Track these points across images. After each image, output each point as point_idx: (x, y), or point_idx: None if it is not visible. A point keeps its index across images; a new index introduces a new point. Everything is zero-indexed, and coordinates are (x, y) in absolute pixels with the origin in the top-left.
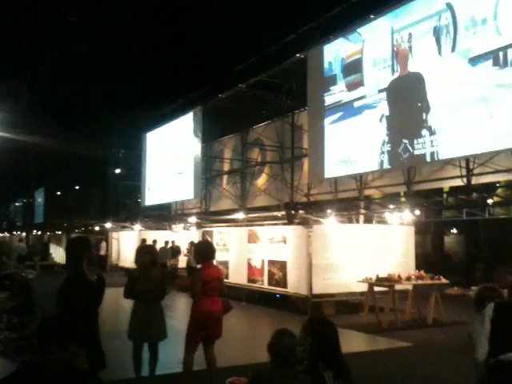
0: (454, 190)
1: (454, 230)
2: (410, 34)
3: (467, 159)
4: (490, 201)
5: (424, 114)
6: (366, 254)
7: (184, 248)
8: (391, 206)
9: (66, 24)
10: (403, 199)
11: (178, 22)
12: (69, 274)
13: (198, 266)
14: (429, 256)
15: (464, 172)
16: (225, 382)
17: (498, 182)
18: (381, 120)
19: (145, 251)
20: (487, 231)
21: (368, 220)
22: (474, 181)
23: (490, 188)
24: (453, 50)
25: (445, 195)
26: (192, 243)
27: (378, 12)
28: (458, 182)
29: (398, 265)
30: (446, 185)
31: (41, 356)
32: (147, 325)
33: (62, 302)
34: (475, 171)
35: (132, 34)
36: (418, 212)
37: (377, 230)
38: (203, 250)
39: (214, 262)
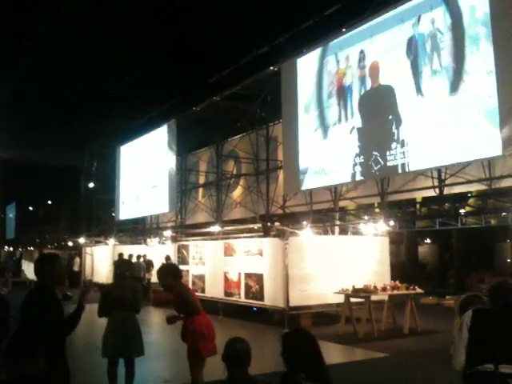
0: (426, 201)
1: (428, 240)
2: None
3: (439, 170)
4: (462, 210)
5: (394, 127)
6: (342, 265)
7: (159, 262)
8: (366, 217)
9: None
10: (377, 210)
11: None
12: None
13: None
14: (403, 265)
15: (436, 183)
16: None
17: (470, 192)
18: (351, 132)
19: (123, 264)
20: (459, 240)
21: (343, 231)
22: (447, 191)
23: (461, 198)
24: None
25: (418, 205)
26: (168, 257)
27: (350, 25)
28: (431, 193)
29: (373, 275)
30: (419, 195)
31: (13, 372)
32: (122, 338)
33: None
34: (447, 182)
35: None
36: (392, 222)
37: (352, 241)
38: (173, 269)
39: None
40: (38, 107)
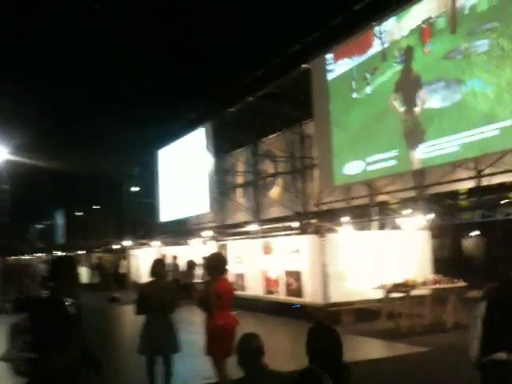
0: (467, 192)
1: (475, 233)
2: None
3: (476, 161)
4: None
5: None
6: (382, 261)
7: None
8: (405, 211)
9: (74, 43)
10: (417, 203)
11: (190, 37)
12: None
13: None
14: (448, 259)
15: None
16: None
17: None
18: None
19: (159, 264)
20: (506, 232)
21: (381, 226)
22: (486, 182)
23: (503, 188)
24: None
25: (461, 197)
26: (191, 262)
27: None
28: (470, 184)
29: (414, 270)
30: (458, 187)
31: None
32: (158, 337)
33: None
34: (486, 172)
35: (143, 55)
36: (432, 216)
37: (391, 236)
38: (214, 263)
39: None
40: (81, 117)
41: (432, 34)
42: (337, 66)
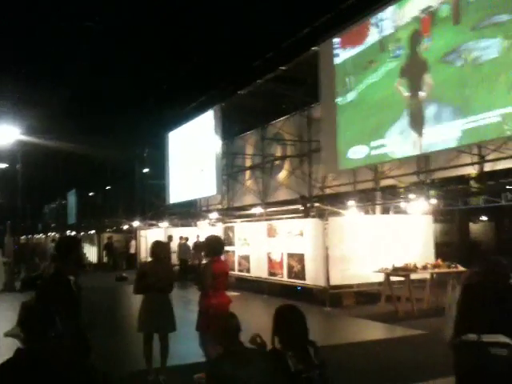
0: (471, 178)
1: (483, 218)
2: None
3: (479, 146)
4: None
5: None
6: (384, 245)
7: None
8: (408, 196)
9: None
10: (420, 188)
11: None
12: (51, 274)
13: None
14: (455, 244)
15: (477, 159)
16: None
17: None
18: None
19: (158, 246)
20: None
21: (385, 210)
22: (489, 167)
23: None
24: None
25: (471, 182)
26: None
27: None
28: (471, 170)
29: (416, 254)
30: (460, 172)
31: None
32: (155, 315)
33: (41, 298)
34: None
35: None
36: (435, 200)
37: (393, 221)
38: (212, 245)
39: (222, 257)
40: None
41: (433, 25)
42: (343, 51)
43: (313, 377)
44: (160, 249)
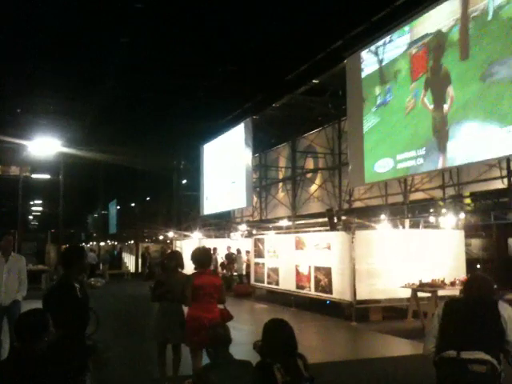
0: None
1: None
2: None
3: (508, 159)
4: None
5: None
6: (413, 260)
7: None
8: (440, 210)
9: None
10: (442, 203)
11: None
12: (57, 280)
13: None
14: (492, 261)
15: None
16: None
17: None
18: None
19: (170, 256)
20: None
21: (415, 225)
22: None
23: None
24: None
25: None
26: (238, 251)
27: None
28: (499, 184)
29: (447, 269)
30: (489, 187)
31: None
32: (167, 325)
33: (47, 303)
34: None
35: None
36: (465, 215)
37: (423, 235)
38: (196, 257)
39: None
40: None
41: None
42: (368, 64)
43: None
44: (173, 260)
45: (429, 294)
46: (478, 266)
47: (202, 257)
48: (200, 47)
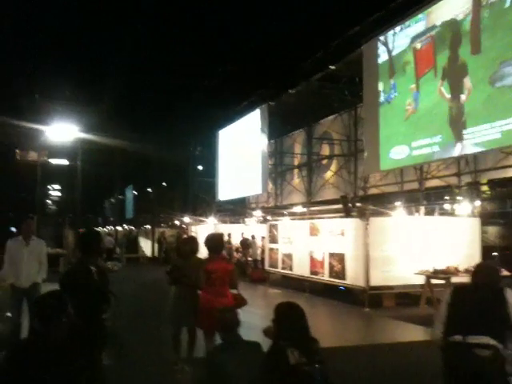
0: None
1: None
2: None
3: None
4: None
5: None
6: (427, 247)
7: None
8: (455, 197)
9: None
10: (457, 190)
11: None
12: (73, 264)
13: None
14: (508, 249)
15: None
16: None
17: None
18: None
19: (185, 241)
20: None
21: (431, 212)
22: None
23: None
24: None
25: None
26: (252, 236)
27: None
28: None
29: (462, 257)
30: (507, 174)
31: (41, 326)
32: (182, 309)
33: (64, 286)
34: None
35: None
36: (481, 202)
37: (438, 223)
38: (209, 243)
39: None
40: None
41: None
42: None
43: (313, 371)
44: (188, 245)
45: (443, 281)
46: (495, 253)
47: (215, 243)
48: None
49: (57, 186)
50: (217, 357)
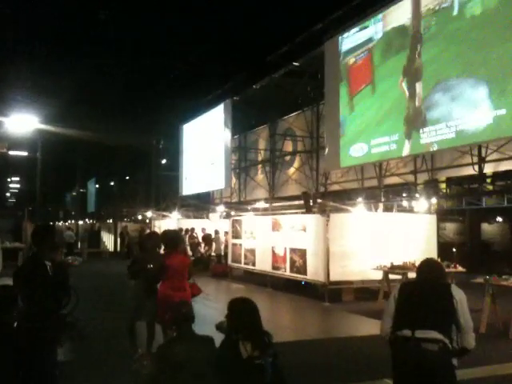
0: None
1: (499, 219)
2: None
3: (479, 146)
4: None
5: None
6: (385, 243)
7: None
8: (414, 194)
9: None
10: (421, 186)
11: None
12: (26, 258)
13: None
14: (465, 245)
15: (476, 160)
16: None
17: None
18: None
19: (148, 236)
20: None
21: (389, 209)
22: (488, 168)
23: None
24: None
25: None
26: (216, 231)
27: None
28: (470, 170)
29: (418, 253)
30: (460, 173)
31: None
32: (139, 302)
33: (17, 279)
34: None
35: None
36: (437, 200)
37: (395, 219)
38: (167, 240)
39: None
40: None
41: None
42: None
43: (265, 364)
44: (147, 240)
45: (399, 276)
46: (454, 249)
47: (170, 239)
48: (183, 26)
49: (16, 178)
50: (167, 350)
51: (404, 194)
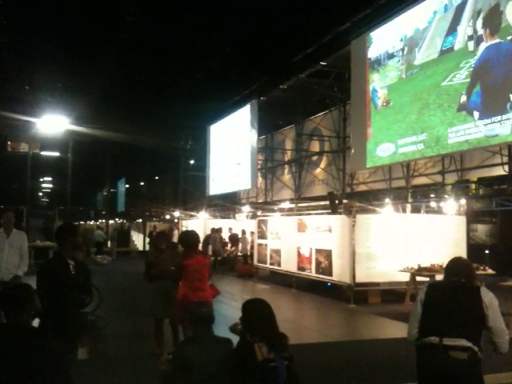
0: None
1: None
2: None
3: (510, 146)
4: None
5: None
6: (412, 244)
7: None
8: (441, 195)
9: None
10: (449, 188)
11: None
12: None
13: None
14: (496, 247)
15: (506, 160)
16: None
17: None
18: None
19: (160, 237)
20: None
21: (416, 210)
22: None
23: None
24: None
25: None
26: (243, 231)
27: None
28: (501, 171)
29: (447, 255)
30: (492, 173)
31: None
32: (160, 302)
33: (40, 279)
34: None
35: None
36: (466, 201)
37: (423, 220)
38: (185, 240)
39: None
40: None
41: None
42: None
43: (279, 367)
44: (162, 240)
45: (427, 279)
46: (486, 251)
47: (190, 239)
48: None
49: (48, 178)
50: (182, 351)
51: (432, 195)
